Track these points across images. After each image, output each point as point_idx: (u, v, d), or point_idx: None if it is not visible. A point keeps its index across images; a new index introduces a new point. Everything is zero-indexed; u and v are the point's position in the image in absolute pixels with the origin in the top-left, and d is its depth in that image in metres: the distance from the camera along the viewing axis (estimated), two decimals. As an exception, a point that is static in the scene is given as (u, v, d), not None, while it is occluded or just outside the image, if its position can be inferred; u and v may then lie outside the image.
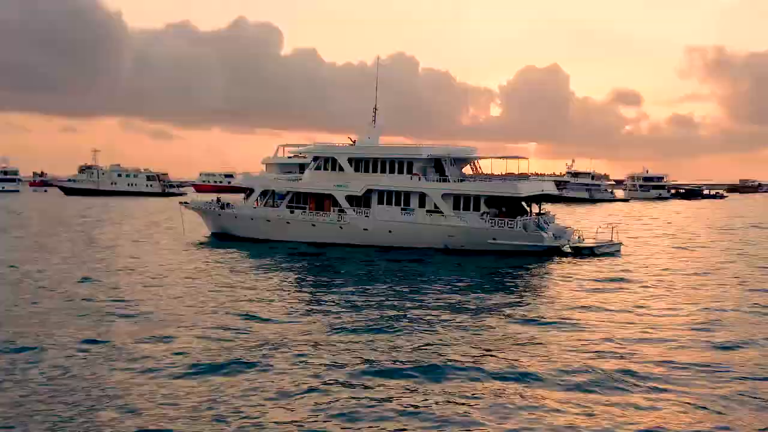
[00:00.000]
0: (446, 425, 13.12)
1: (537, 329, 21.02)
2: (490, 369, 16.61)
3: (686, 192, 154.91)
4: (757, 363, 17.47)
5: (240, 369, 16.43)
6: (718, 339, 19.94)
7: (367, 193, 44.08)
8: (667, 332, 20.73)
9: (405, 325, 21.22)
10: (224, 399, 14.40)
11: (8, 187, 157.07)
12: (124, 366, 16.68)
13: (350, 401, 14.31)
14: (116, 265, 34.88)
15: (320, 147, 46.86)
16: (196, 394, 14.66)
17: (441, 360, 17.33)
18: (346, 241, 43.59)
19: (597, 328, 21.18)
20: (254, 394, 14.73)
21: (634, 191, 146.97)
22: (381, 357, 17.60)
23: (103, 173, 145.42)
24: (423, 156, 43.41)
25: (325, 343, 19.00)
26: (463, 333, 20.34)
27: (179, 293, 26.72)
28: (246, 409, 13.83)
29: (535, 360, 17.43)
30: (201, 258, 38.38)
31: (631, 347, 18.84)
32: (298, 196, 46.51)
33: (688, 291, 28.60)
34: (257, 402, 14.29)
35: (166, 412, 13.66)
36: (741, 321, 22.61)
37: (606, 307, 24.77)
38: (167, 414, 13.54)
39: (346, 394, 14.72)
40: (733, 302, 25.89)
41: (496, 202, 42.18)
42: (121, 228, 57.37)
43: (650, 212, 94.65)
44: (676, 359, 17.68)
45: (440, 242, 41.89)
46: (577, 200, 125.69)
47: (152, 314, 22.73)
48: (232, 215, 48.26)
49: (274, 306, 24.47)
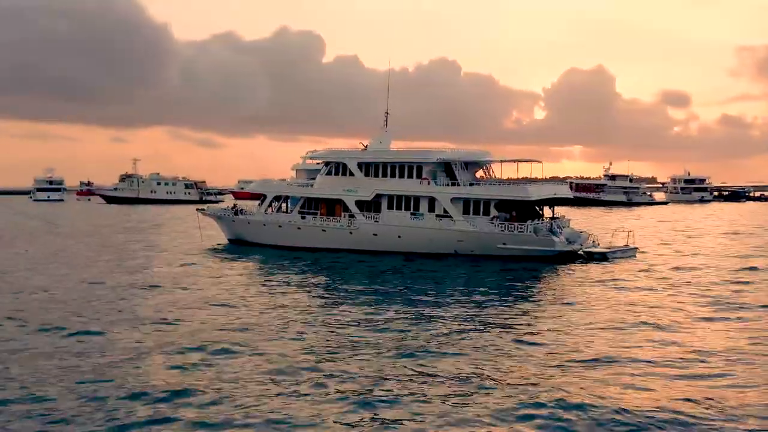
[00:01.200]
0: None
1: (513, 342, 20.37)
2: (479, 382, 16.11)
3: (730, 194, 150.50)
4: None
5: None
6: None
7: (377, 198, 43.73)
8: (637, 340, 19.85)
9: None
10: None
11: (53, 196, 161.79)
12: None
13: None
14: (115, 271, 35.19)
15: (330, 152, 46.68)
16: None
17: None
18: (356, 246, 43.26)
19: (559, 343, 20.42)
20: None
21: (676, 194, 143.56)
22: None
23: (143, 182, 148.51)
24: (432, 160, 42.85)
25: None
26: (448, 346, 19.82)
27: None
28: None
29: (488, 366, 16.85)
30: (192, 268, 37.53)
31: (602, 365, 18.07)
32: (310, 202, 46.49)
33: (687, 300, 27.45)
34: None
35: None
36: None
37: (587, 314, 23.94)
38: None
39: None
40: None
41: (506, 206, 41.34)
42: (140, 236, 58.08)
43: (686, 215, 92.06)
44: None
45: (450, 247, 41.22)
46: (615, 203, 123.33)
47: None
48: (245, 221, 48.44)
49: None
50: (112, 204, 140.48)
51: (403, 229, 42.61)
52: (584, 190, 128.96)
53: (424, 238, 42.00)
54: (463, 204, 41.84)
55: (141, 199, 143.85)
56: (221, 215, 50.49)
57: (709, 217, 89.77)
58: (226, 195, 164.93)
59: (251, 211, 49.59)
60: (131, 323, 22.21)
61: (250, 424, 13.31)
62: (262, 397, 14.79)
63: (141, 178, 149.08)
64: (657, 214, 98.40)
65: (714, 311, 24.25)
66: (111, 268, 36.41)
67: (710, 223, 76.71)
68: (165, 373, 16.58)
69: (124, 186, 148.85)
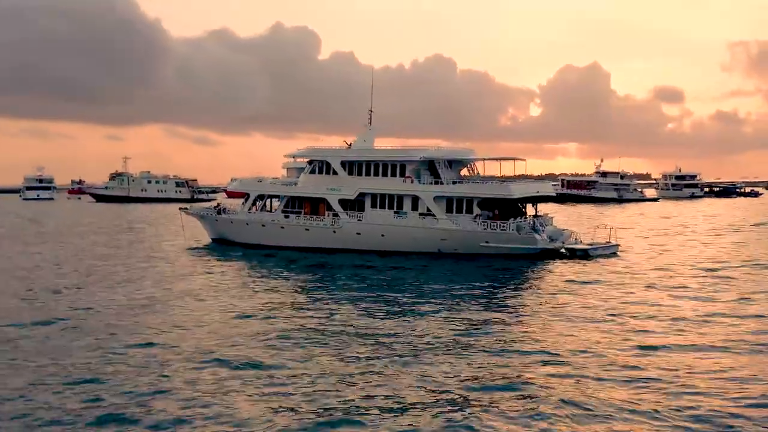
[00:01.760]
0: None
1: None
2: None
3: (720, 190, 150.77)
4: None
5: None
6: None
7: (361, 196, 43.55)
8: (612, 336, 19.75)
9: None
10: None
11: (43, 194, 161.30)
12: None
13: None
14: (89, 278, 34.94)
15: (314, 150, 46.43)
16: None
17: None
18: (340, 245, 43.08)
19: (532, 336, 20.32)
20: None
21: (667, 190, 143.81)
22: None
23: (133, 180, 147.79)
24: (416, 158, 42.66)
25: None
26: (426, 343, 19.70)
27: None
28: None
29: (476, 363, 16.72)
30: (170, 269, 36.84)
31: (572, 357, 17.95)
32: (294, 201, 46.27)
33: (665, 297, 27.38)
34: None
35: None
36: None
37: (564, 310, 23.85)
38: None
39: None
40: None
41: (489, 204, 41.22)
42: (123, 236, 57.77)
43: (674, 211, 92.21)
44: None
45: (433, 246, 41.10)
46: (606, 200, 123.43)
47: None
48: (228, 221, 48.18)
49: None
50: (102, 203, 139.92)
51: (387, 228, 42.45)
52: (576, 187, 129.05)
53: (408, 237, 41.86)
54: (447, 202, 41.69)
55: (131, 197, 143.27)
56: (204, 214, 50.19)
57: (697, 213, 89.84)
58: (219, 193, 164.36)
59: (235, 210, 49.33)
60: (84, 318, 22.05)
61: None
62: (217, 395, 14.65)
63: (131, 177, 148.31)
64: (647, 210, 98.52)
65: (683, 308, 24.16)
66: (79, 267, 36.20)
67: (698, 219, 76.76)
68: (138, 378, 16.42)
69: (114, 185, 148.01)
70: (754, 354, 18.17)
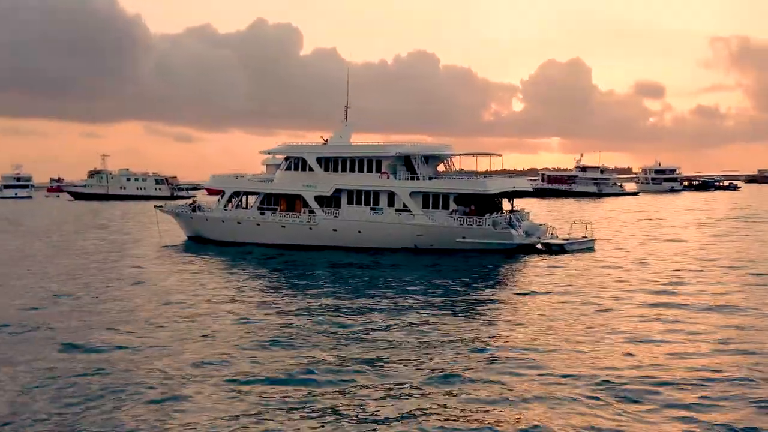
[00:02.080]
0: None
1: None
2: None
3: (699, 184, 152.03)
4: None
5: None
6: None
7: (337, 193, 43.27)
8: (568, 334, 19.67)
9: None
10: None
11: (21, 193, 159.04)
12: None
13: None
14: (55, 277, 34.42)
15: (289, 147, 46.06)
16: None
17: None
18: (316, 242, 42.77)
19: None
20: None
21: (647, 184, 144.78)
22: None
23: (112, 178, 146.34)
24: (391, 154, 42.43)
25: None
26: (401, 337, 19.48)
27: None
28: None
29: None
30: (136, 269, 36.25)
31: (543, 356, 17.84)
32: (270, 198, 45.89)
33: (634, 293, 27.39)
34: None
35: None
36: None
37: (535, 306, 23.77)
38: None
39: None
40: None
41: (465, 199, 41.10)
42: (97, 234, 57.09)
43: (652, 206, 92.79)
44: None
45: (410, 242, 40.94)
46: (586, 195, 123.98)
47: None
48: (203, 218, 47.70)
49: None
50: (81, 201, 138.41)
51: (363, 224, 42.21)
52: (556, 181, 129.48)
53: (384, 233, 41.65)
54: (423, 198, 41.53)
55: (110, 195, 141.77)
56: (179, 212, 49.62)
57: (677, 207, 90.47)
58: (200, 190, 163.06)
59: (210, 207, 48.84)
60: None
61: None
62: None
63: (110, 174, 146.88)
64: (626, 204, 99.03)
65: (650, 304, 24.16)
66: (46, 265, 35.67)
67: (675, 213, 77.27)
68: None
69: (92, 182, 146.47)
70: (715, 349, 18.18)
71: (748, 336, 19.43)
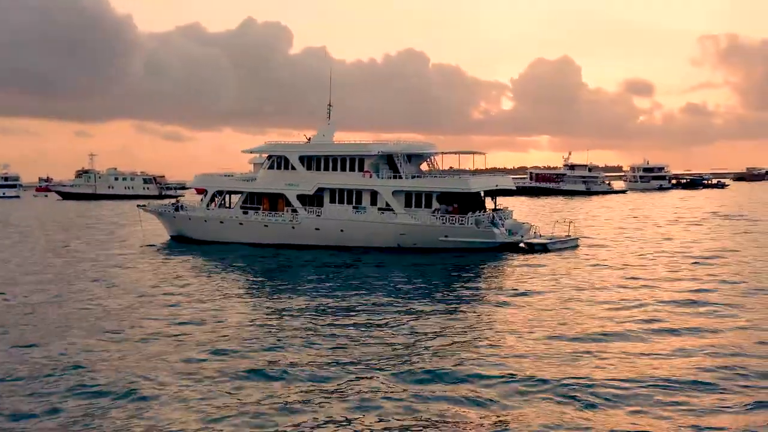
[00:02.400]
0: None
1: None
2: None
3: (687, 182, 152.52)
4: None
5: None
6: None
7: (319, 191, 43.07)
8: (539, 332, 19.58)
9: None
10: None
11: (9, 193, 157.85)
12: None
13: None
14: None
15: (272, 145, 45.85)
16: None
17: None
18: (299, 241, 42.56)
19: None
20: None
21: (635, 182, 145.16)
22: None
23: (100, 177, 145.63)
24: (373, 152, 42.22)
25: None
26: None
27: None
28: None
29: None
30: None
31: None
32: (253, 197, 45.64)
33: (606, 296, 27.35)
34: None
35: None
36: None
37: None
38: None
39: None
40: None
41: (448, 198, 40.99)
42: (79, 234, 56.69)
43: (640, 204, 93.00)
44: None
45: (392, 241, 40.78)
46: (574, 193, 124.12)
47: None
48: (186, 218, 47.38)
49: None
50: (69, 200, 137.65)
51: (346, 223, 42.03)
52: (544, 180, 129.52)
53: (367, 231, 41.49)
54: (405, 197, 41.39)
55: (98, 195, 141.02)
56: (162, 211, 49.24)
57: (664, 205, 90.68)
58: (189, 189, 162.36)
59: (193, 206, 48.53)
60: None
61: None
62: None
63: (98, 174, 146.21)
64: (613, 203, 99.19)
65: (627, 303, 24.13)
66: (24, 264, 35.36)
67: (661, 211, 77.41)
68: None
69: (80, 182, 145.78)
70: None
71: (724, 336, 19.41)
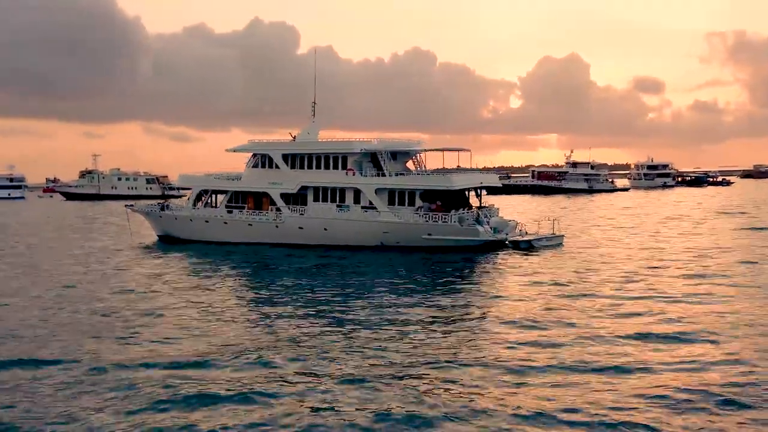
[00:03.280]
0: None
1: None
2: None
3: (692, 180, 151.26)
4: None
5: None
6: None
7: (303, 190, 42.79)
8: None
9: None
10: None
11: (14, 193, 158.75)
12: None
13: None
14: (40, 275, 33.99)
15: (256, 144, 45.57)
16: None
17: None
18: (283, 240, 42.30)
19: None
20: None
21: (639, 180, 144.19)
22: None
23: (104, 177, 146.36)
24: (356, 150, 41.86)
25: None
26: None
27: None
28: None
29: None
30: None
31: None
32: (239, 196, 45.43)
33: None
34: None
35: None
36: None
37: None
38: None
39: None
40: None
41: (431, 196, 40.58)
42: (70, 234, 56.68)
43: (640, 201, 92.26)
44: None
45: (376, 239, 40.41)
46: (576, 191, 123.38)
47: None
48: (172, 217, 47.21)
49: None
50: (73, 200, 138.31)
51: (329, 221, 41.72)
52: (546, 178, 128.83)
53: (350, 230, 41.14)
54: (388, 195, 41.02)
55: (102, 195, 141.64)
56: (148, 211, 49.10)
57: (666, 203, 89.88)
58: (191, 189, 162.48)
59: (179, 206, 48.37)
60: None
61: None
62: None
63: (101, 174, 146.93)
64: (614, 200, 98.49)
65: (608, 301, 23.68)
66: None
67: (661, 209, 76.70)
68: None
69: (84, 182, 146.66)
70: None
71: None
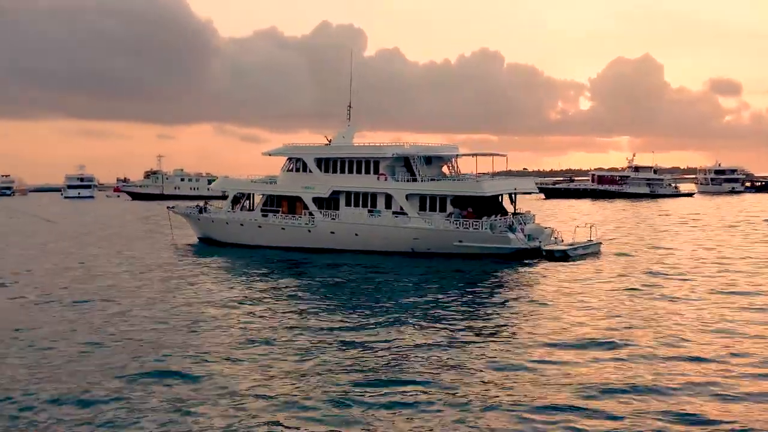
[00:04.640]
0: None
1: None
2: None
3: (762, 185, 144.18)
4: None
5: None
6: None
7: (335, 194, 42.57)
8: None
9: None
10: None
11: (84, 193, 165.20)
12: None
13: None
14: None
15: (290, 147, 45.60)
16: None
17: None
18: (315, 245, 42.18)
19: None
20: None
21: (706, 185, 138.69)
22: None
23: (167, 178, 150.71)
24: (388, 155, 41.35)
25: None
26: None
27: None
28: None
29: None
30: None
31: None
32: (274, 199, 45.61)
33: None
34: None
35: None
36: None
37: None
38: None
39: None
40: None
41: (462, 202, 39.71)
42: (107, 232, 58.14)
43: (701, 208, 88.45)
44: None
45: (406, 245, 39.79)
46: (638, 196, 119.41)
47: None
48: (209, 220, 47.79)
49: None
50: (138, 200, 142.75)
51: (360, 226, 41.35)
52: (607, 182, 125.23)
53: (381, 236, 40.67)
54: (420, 200, 40.38)
55: (165, 195, 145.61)
56: (188, 213, 49.89)
57: (730, 209, 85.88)
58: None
59: (217, 209, 48.93)
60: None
61: None
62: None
63: (165, 175, 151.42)
64: (676, 206, 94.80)
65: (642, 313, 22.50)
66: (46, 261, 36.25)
67: (718, 215, 73.25)
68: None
69: (149, 183, 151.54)
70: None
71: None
